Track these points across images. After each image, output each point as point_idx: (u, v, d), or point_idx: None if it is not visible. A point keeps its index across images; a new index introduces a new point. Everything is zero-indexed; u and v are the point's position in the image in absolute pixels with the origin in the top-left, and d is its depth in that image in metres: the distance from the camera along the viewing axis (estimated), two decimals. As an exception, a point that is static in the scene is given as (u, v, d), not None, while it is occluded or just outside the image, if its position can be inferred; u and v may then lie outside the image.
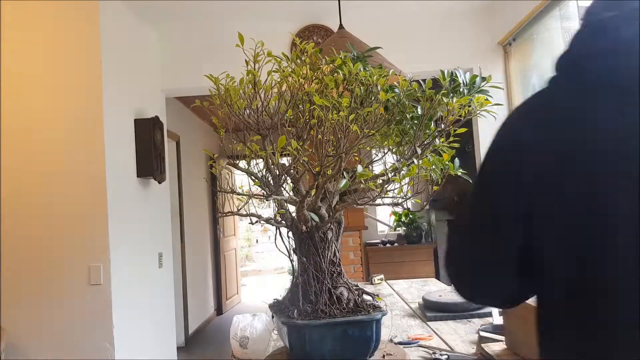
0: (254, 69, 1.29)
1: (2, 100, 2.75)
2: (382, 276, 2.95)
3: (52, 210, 2.69)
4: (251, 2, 3.40)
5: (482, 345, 1.44)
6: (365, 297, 1.41)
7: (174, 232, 4.65)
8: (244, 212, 1.33)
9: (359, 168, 1.25)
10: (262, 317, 3.82)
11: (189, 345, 5.19)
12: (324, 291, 1.34)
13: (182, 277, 5.20)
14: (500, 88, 1.41)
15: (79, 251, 2.67)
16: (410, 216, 5.96)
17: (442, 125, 1.37)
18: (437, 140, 1.37)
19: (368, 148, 1.50)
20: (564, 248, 0.65)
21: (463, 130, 1.38)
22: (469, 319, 1.91)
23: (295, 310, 1.32)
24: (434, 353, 1.53)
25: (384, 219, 6.57)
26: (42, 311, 2.66)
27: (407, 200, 1.36)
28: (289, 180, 1.38)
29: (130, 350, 2.84)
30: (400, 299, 2.43)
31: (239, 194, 1.36)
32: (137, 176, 3.17)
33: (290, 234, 1.43)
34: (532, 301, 0.75)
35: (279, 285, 7.32)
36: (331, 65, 1.33)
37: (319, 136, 1.22)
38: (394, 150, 1.40)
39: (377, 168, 1.46)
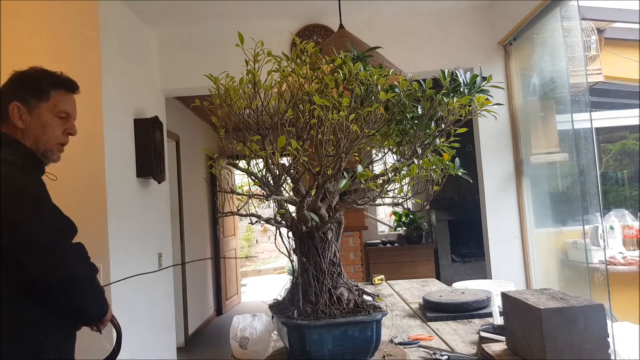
0: (254, 69, 1.28)
1: (1, 100, 2.74)
2: (382, 276, 2.95)
3: (52, 211, 2.68)
4: (251, 2, 3.40)
5: (483, 345, 1.43)
6: (366, 297, 1.40)
7: (174, 232, 4.64)
8: (244, 212, 1.33)
9: (359, 168, 1.25)
10: (262, 317, 3.81)
11: (189, 345, 5.18)
12: (324, 291, 1.34)
13: (182, 277, 5.20)
14: (500, 88, 1.41)
15: (78, 251, 2.66)
16: (411, 216, 5.96)
17: (443, 125, 1.36)
18: (437, 140, 1.37)
19: (368, 148, 1.49)
20: None
21: (463, 130, 1.38)
22: (470, 320, 1.90)
23: (295, 311, 1.32)
24: (434, 353, 1.52)
25: (384, 219, 6.57)
26: (41, 311, 2.65)
27: (408, 200, 1.36)
28: (289, 180, 1.38)
29: (130, 350, 2.84)
30: (400, 299, 2.43)
31: (238, 194, 1.35)
32: (137, 176, 3.17)
33: (290, 234, 1.43)
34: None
35: (279, 285, 7.31)
36: (331, 64, 1.32)
37: (319, 136, 1.22)
38: (394, 150, 1.40)
39: (377, 168, 1.46)
